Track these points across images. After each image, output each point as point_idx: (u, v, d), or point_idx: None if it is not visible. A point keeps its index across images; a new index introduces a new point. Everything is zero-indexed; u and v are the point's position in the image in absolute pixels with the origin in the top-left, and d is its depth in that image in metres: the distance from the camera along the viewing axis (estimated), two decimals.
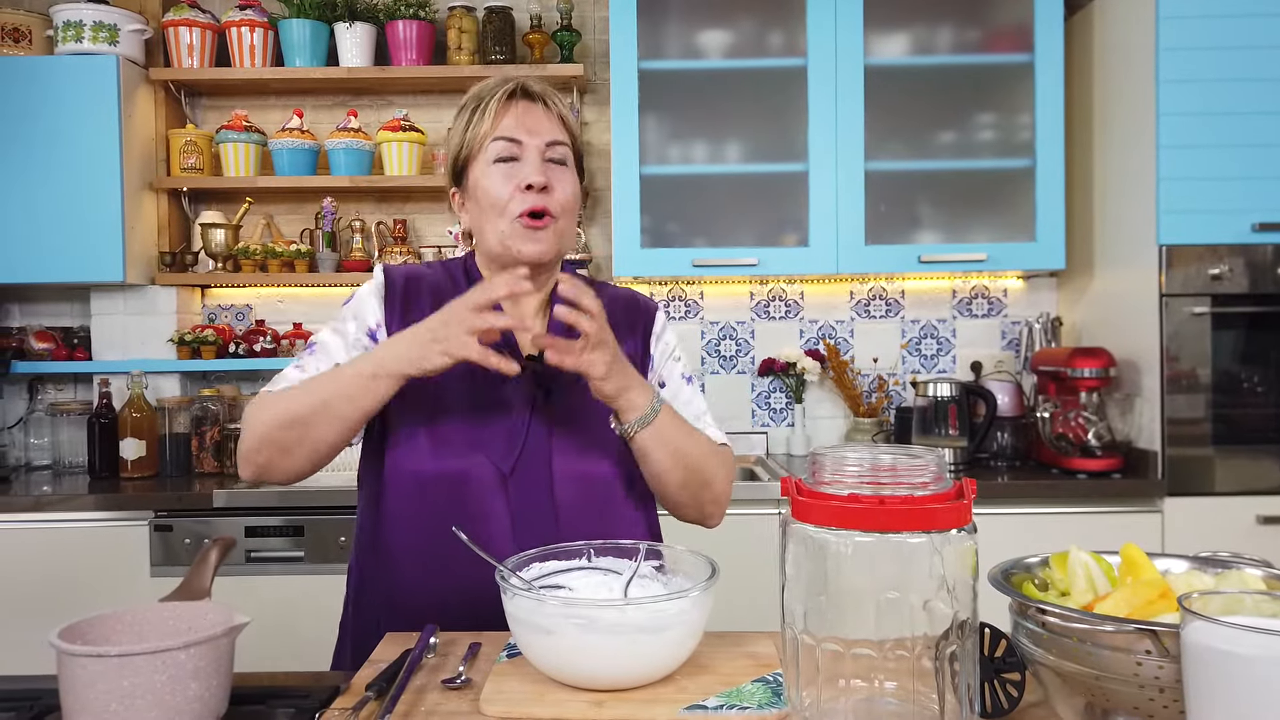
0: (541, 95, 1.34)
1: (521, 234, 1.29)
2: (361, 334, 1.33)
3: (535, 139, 1.31)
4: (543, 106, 1.33)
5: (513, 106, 1.32)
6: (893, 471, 0.83)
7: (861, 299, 3.28)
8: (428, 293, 1.36)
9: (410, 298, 1.35)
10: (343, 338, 1.33)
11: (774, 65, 2.94)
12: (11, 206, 2.85)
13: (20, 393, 3.19)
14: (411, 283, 1.37)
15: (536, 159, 1.30)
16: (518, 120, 1.31)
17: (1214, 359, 2.62)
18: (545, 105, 1.34)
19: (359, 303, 1.35)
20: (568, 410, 1.31)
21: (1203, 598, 0.72)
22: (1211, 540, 2.51)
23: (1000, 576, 0.92)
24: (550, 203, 1.29)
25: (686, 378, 1.45)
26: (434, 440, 1.28)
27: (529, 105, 1.33)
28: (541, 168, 1.30)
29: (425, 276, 1.38)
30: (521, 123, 1.31)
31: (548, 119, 1.33)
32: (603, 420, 1.30)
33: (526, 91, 1.33)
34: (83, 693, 0.83)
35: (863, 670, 0.82)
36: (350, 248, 3.16)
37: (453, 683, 0.99)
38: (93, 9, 2.92)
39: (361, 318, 1.34)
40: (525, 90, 1.33)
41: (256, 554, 2.56)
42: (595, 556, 1.12)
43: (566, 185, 1.32)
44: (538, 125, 1.31)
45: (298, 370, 1.31)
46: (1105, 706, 0.82)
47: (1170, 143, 2.59)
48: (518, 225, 1.29)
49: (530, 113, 1.32)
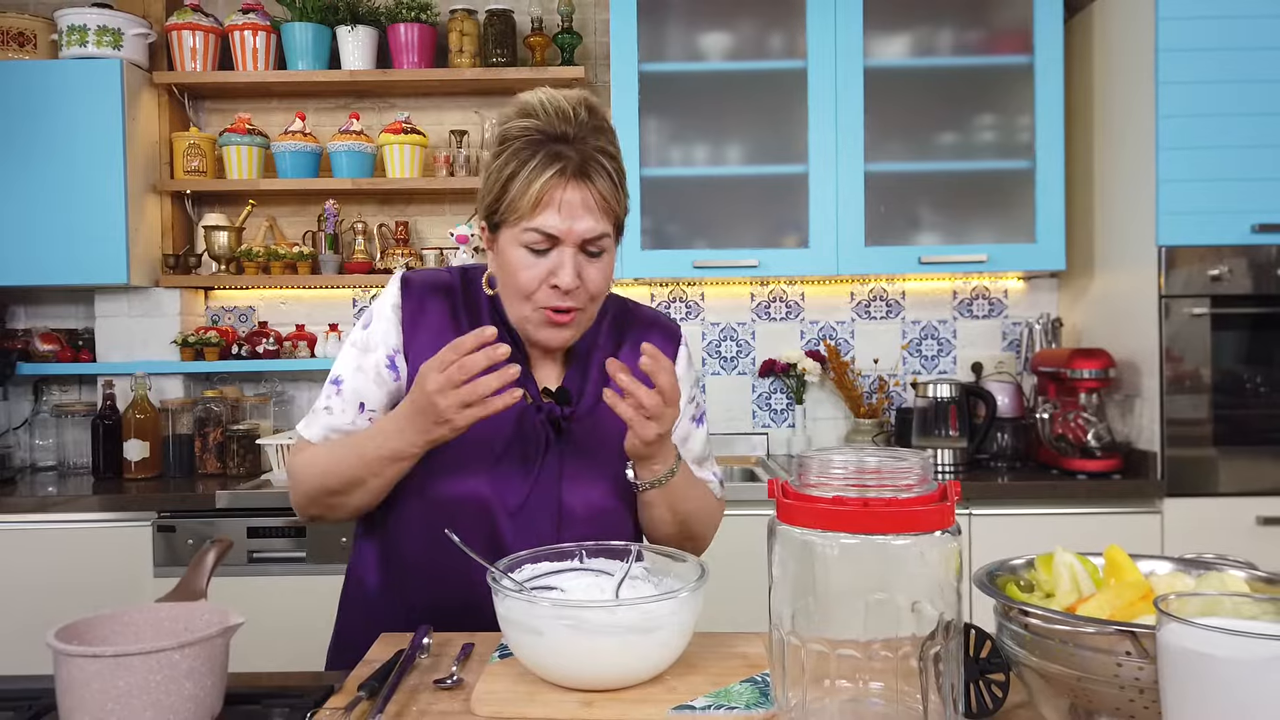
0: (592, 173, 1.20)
1: (542, 324, 1.25)
2: (381, 365, 1.30)
3: (573, 235, 1.20)
4: (593, 191, 1.20)
5: (558, 190, 1.19)
6: (878, 474, 0.84)
7: (862, 300, 3.29)
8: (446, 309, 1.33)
9: (425, 310, 1.32)
10: (364, 374, 1.30)
11: (774, 67, 2.95)
12: (16, 209, 2.87)
13: (25, 394, 3.22)
14: (429, 294, 1.33)
15: (571, 258, 1.21)
16: (560, 213, 1.19)
17: (1214, 360, 2.62)
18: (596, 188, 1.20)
19: (377, 328, 1.32)
20: (579, 447, 1.31)
21: (1180, 600, 0.73)
22: (1211, 541, 2.51)
23: (985, 578, 0.93)
24: (577, 300, 1.23)
25: (697, 420, 1.44)
26: (445, 466, 1.27)
27: (576, 191, 1.19)
28: (574, 268, 1.21)
29: (444, 286, 1.35)
30: (564, 216, 1.19)
31: (593, 208, 1.21)
32: (612, 458, 1.31)
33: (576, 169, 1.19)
34: (79, 692, 0.84)
35: (848, 671, 0.83)
36: (352, 250, 3.18)
37: (445, 683, 1.00)
38: (97, 13, 2.94)
39: (379, 347, 1.31)
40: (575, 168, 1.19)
41: (259, 555, 2.58)
42: (587, 558, 1.13)
43: (599, 277, 1.24)
44: (580, 221, 1.20)
45: (328, 413, 1.30)
46: (1088, 707, 0.83)
47: (1170, 144, 2.59)
48: (539, 315, 1.24)
49: (572, 202, 1.19)
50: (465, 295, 1.35)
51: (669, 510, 1.31)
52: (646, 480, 1.27)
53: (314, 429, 1.31)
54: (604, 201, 1.22)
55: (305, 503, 1.30)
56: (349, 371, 1.31)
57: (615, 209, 1.24)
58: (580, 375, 1.35)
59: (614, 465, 1.31)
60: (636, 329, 1.41)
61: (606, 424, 1.31)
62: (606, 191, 1.21)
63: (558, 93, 1.24)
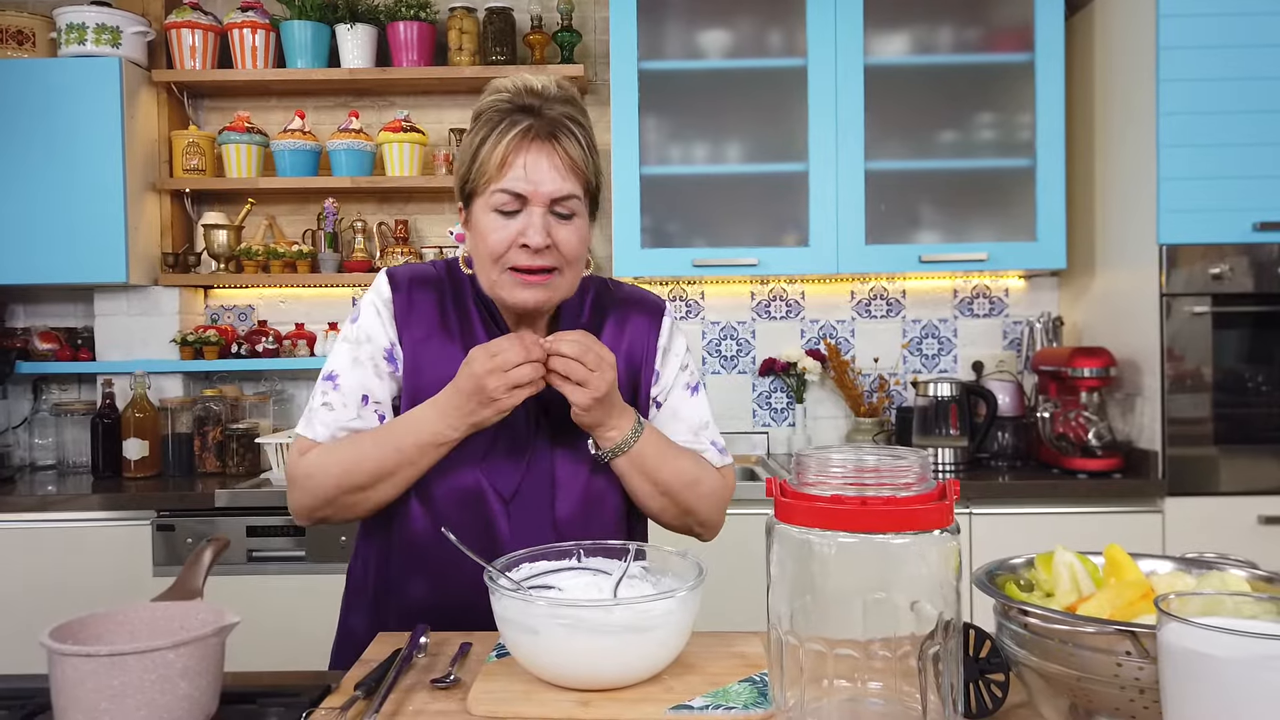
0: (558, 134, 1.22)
1: (511, 284, 1.25)
2: (378, 356, 1.31)
3: (540, 195, 1.21)
4: (559, 150, 1.22)
5: (524, 151, 1.21)
6: (876, 473, 0.83)
7: (862, 299, 3.28)
8: (433, 300, 1.34)
9: (414, 302, 1.33)
10: (361, 367, 1.30)
11: (774, 65, 2.95)
12: (15, 208, 2.87)
13: (25, 393, 3.21)
14: (417, 287, 1.34)
15: (540, 217, 1.22)
16: (526, 171, 1.21)
17: (1215, 359, 2.61)
18: (560, 150, 1.22)
19: (366, 321, 1.32)
20: (570, 429, 1.30)
21: (1181, 599, 0.72)
22: (1212, 541, 2.51)
23: (984, 577, 0.93)
24: (549, 259, 1.24)
25: (692, 388, 1.42)
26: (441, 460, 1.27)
27: (541, 150, 1.22)
28: (544, 227, 1.22)
29: (430, 279, 1.35)
30: (529, 175, 1.21)
31: (560, 168, 1.22)
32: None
33: (542, 130, 1.22)
34: (73, 691, 0.83)
35: (847, 670, 0.83)
36: (352, 248, 3.18)
37: (441, 682, 0.99)
38: (96, 11, 2.94)
39: (375, 340, 1.31)
40: (541, 129, 1.22)
41: (258, 554, 2.58)
42: (585, 557, 1.13)
43: (571, 238, 1.24)
44: (546, 178, 1.21)
45: (328, 410, 1.29)
46: (1088, 707, 0.82)
47: (1171, 142, 2.59)
48: (508, 276, 1.24)
49: (540, 161, 1.21)
50: (451, 285, 1.36)
51: (646, 480, 1.30)
52: (606, 449, 1.26)
53: (317, 427, 1.29)
54: (571, 162, 1.23)
55: (316, 504, 1.28)
56: (345, 366, 1.31)
57: (584, 171, 1.25)
58: None
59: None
60: (619, 307, 1.40)
61: None
62: (574, 153, 1.24)
63: (529, 74, 1.28)
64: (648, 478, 1.30)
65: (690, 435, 1.38)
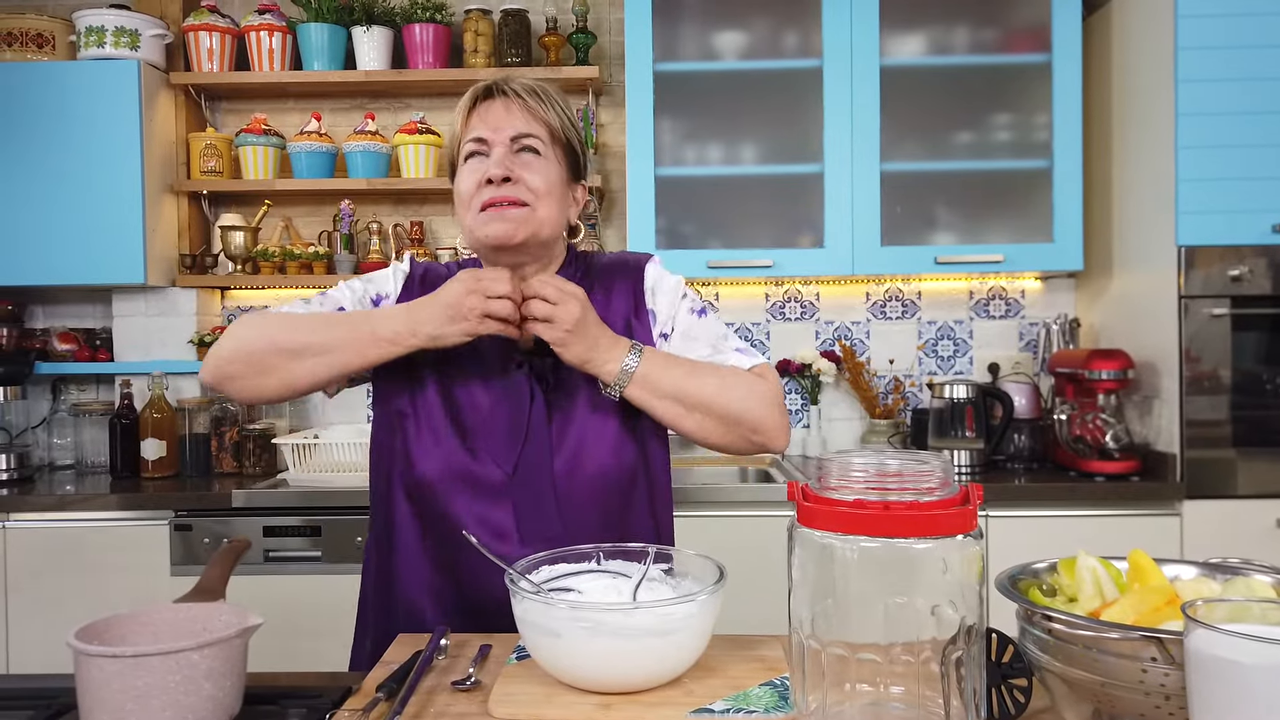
0: (512, 90, 1.33)
1: (482, 218, 1.29)
2: (367, 298, 1.38)
3: (500, 134, 1.30)
4: (515, 101, 1.32)
5: (480, 107, 1.33)
6: (899, 477, 0.83)
7: (878, 300, 3.27)
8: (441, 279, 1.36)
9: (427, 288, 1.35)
10: (352, 290, 1.38)
11: (789, 66, 2.94)
12: (35, 210, 2.89)
13: (44, 393, 3.24)
14: (429, 275, 1.41)
15: (501, 154, 1.29)
16: (483, 119, 1.31)
17: (1234, 361, 2.59)
18: (518, 99, 1.32)
19: (379, 276, 1.42)
20: (569, 405, 1.31)
21: (1208, 605, 0.72)
22: (1231, 544, 2.49)
23: (1007, 582, 0.92)
24: (516, 192, 1.29)
25: (699, 311, 1.40)
26: (436, 441, 1.28)
27: (494, 102, 1.32)
28: (504, 161, 1.29)
29: (442, 275, 1.40)
30: (486, 121, 1.31)
31: (515, 113, 1.31)
32: (605, 413, 1.30)
33: (496, 90, 1.33)
34: (99, 692, 0.84)
35: (868, 675, 0.82)
36: (367, 250, 3.19)
37: (462, 684, 1.00)
38: (114, 14, 2.96)
39: (377, 285, 1.40)
40: (495, 89, 1.33)
41: (275, 554, 2.59)
42: (604, 559, 1.13)
43: (537, 172, 1.31)
44: (503, 121, 1.31)
45: (304, 304, 1.36)
46: (1111, 713, 0.82)
47: (1189, 143, 2.57)
48: (482, 215, 1.30)
49: (495, 109, 1.32)
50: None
51: (670, 401, 1.28)
52: (612, 385, 1.26)
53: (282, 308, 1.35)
54: (527, 108, 1.32)
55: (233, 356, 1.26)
56: (338, 289, 1.39)
57: (543, 115, 1.32)
58: None
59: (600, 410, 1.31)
60: (605, 272, 1.42)
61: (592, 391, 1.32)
62: (531, 102, 1.32)
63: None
64: (669, 397, 1.27)
65: (709, 350, 1.35)
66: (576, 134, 1.38)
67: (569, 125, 1.36)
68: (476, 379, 1.31)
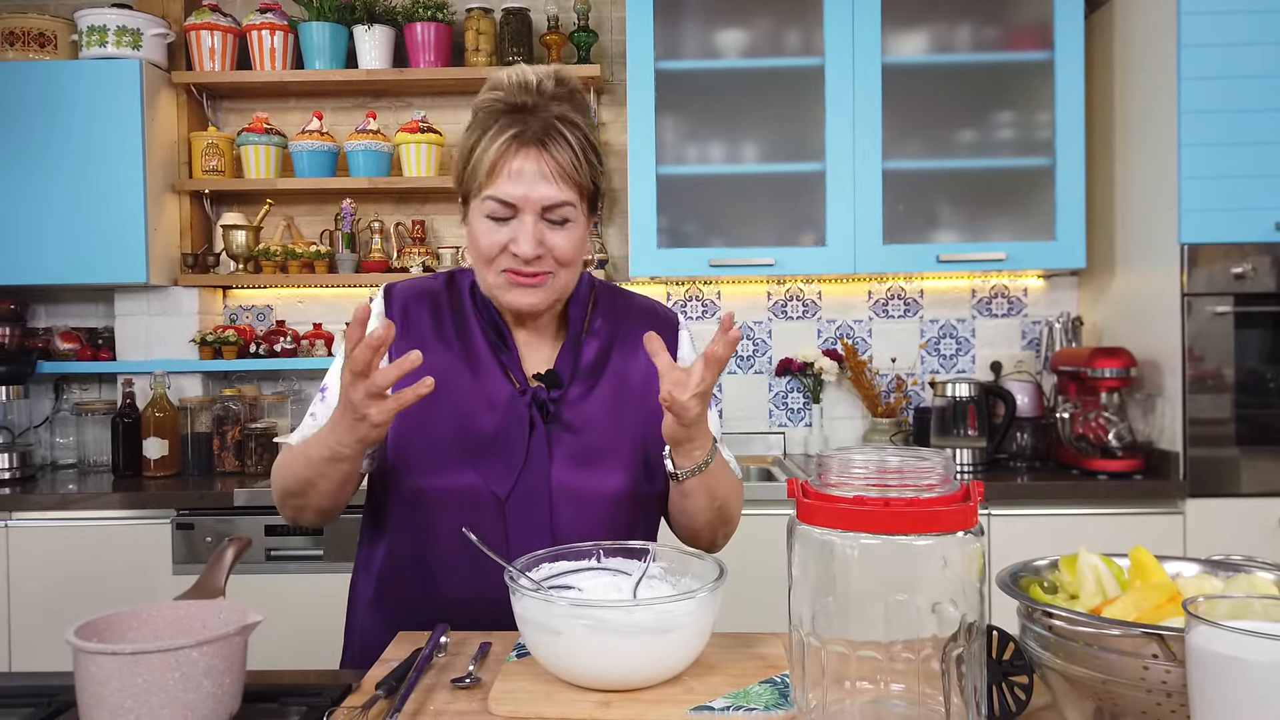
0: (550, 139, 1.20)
1: (508, 287, 1.24)
2: None
3: (531, 204, 1.20)
4: (548, 157, 1.20)
5: (513, 157, 1.20)
6: (899, 474, 0.83)
7: (879, 299, 3.27)
8: (428, 312, 1.33)
9: (409, 314, 1.32)
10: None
11: (791, 64, 2.94)
12: (37, 209, 2.89)
13: (46, 392, 3.24)
14: (412, 302, 1.34)
15: (530, 225, 1.21)
16: (515, 178, 1.19)
17: (1237, 359, 2.59)
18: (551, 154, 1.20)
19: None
20: (568, 432, 1.29)
21: (1209, 602, 0.71)
22: (1234, 543, 2.48)
23: (1008, 579, 0.92)
24: (542, 265, 1.23)
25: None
26: (433, 457, 1.27)
27: (530, 156, 1.20)
28: (534, 235, 1.20)
29: (428, 291, 1.35)
30: (519, 182, 1.19)
31: (550, 175, 1.20)
32: (603, 442, 1.29)
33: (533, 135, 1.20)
34: (98, 689, 0.84)
35: (869, 672, 0.82)
36: (369, 249, 3.19)
37: (462, 682, 0.99)
38: (116, 14, 2.96)
39: None
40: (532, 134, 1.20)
41: (276, 552, 2.59)
42: (604, 557, 1.12)
43: (564, 243, 1.23)
44: (536, 188, 1.20)
45: (312, 420, 1.31)
46: (1113, 710, 0.82)
47: (1192, 140, 2.57)
48: (503, 278, 1.24)
49: (527, 168, 1.20)
50: (450, 296, 1.35)
51: (708, 496, 1.26)
52: (688, 468, 1.21)
53: (297, 436, 1.31)
54: (562, 170, 1.21)
55: (278, 505, 1.31)
56: (334, 380, 1.31)
57: (577, 177, 1.23)
58: (572, 359, 1.33)
59: (609, 449, 1.29)
60: (631, 317, 1.39)
61: (601, 409, 1.30)
62: (565, 160, 1.21)
63: (529, 66, 1.25)
64: (711, 494, 1.27)
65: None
66: (600, 168, 1.27)
67: (594, 165, 1.26)
68: (481, 402, 1.28)
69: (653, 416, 1.30)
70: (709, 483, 1.25)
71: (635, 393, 1.33)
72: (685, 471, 1.22)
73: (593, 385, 1.32)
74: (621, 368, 1.34)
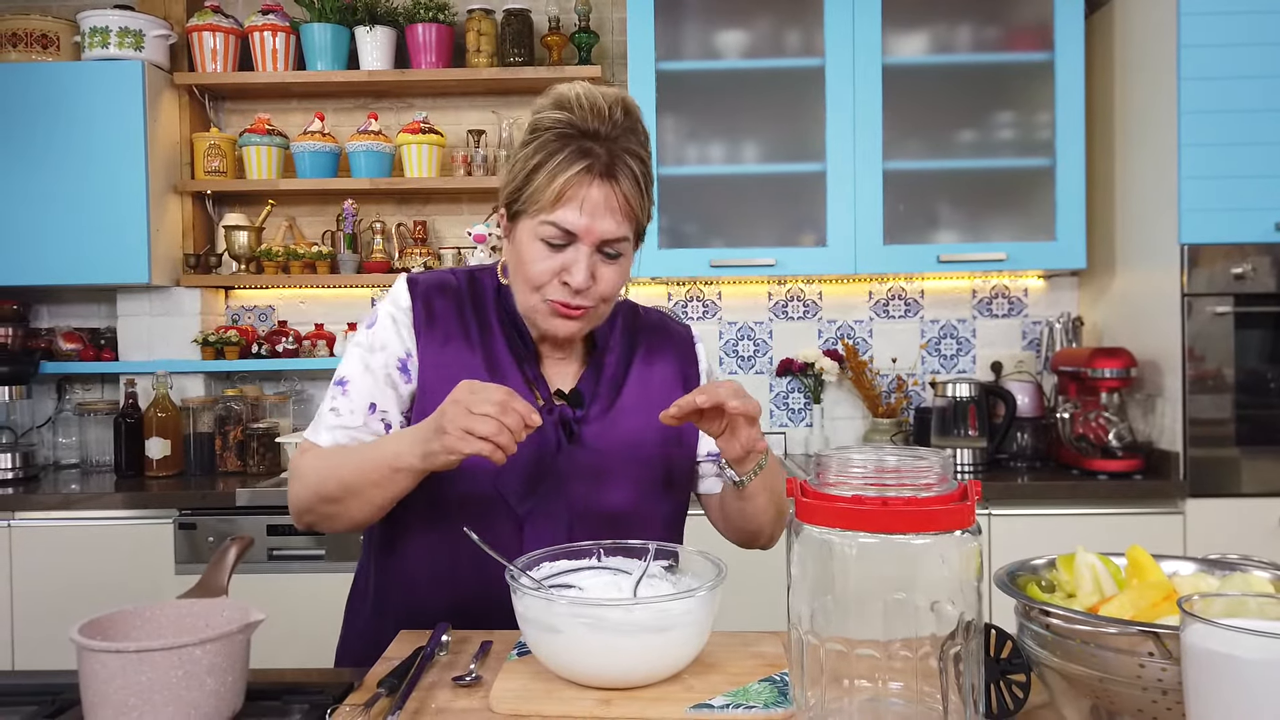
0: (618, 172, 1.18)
1: (550, 315, 1.23)
2: (391, 366, 1.28)
3: (591, 236, 1.18)
4: (617, 192, 1.18)
5: (581, 188, 1.17)
6: (897, 473, 0.83)
7: (880, 299, 3.27)
8: (452, 307, 1.31)
9: (434, 312, 1.30)
10: (372, 375, 1.27)
11: (792, 65, 2.94)
12: (39, 210, 2.90)
13: (49, 393, 3.25)
14: (436, 295, 1.31)
15: (587, 257, 1.19)
16: (581, 210, 1.17)
17: (1237, 359, 2.59)
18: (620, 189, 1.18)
19: (382, 329, 1.29)
20: (590, 451, 1.28)
21: (1204, 600, 0.72)
22: (1234, 543, 2.49)
23: (1006, 578, 0.92)
24: (589, 300, 1.22)
25: None
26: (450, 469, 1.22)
27: (599, 189, 1.17)
28: (589, 267, 1.19)
29: (451, 287, 1.33)
30: (585, 214, 1.17)
31: (615, 210, 1.19)
32: (626, 462, 1.29)
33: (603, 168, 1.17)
34: (101, 687, 0.84)
35: (867, 671, 0.83)
36: (371, 249, 3.20)
37: (463, 680, 1.00)
38: (119, 15, 2.97)
39: (389, 348, 1.28)
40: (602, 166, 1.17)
41: (278, 552, 2.59)
42: (605, 556, 1.13)
43: (614, 278, 1.23)
44: (600, 221, 1.18)
45: (335, 415, 1.27)
46: (1110, 708, 0.82)
47: (1192, 141, 2.57)
48: (546, 305, 1.22)
49: (596, 202, 1.17)
50: (472, 295, 1.33)
51: (769, 494, 1.28)
52: (750, 470, 1.22)
53: (322, 432, 1.27)
54: (627, 205, 1.19)
55: (300, 509, 1.25)
56: (356, 372, 1.28)
57: (637, 214, 1.22)
58: (594, 378, 1.33)
59: (628, 469, 1.29)
60: (648, 335, 1.39)
61: (620, 427, 1.30)
62: (630, 194, 1.19)
63: (596, 89, 1.22)
64: (773, 490, 1.28)
65: None
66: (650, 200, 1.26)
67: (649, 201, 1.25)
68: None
69: (670, 432, 1.31)
70: (769, 480, 1.26)
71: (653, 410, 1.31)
72: (748, 476, 1.23)
73: (611, 403, 1.32)
74: (639, 385, 1.35)
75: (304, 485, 1.24)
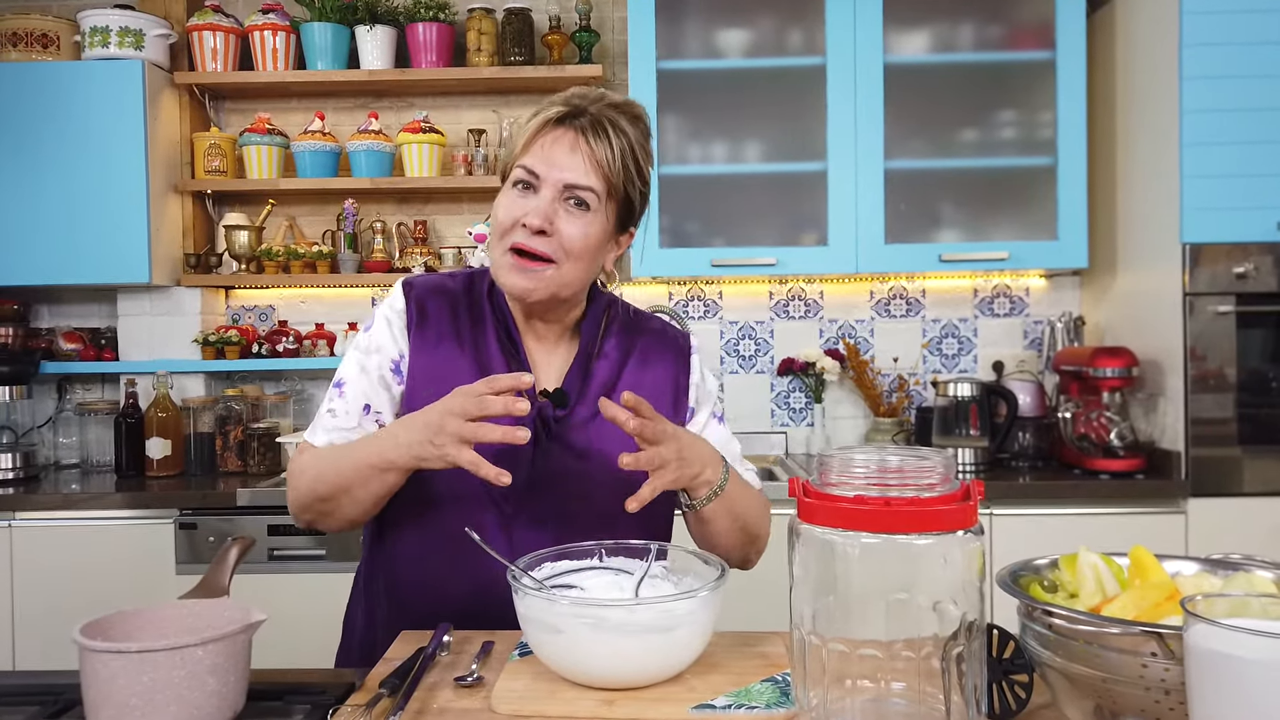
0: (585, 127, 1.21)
1: (508, 266, 1.23)
2: (385, 368, 1.29)
3: (552, 177, 1.21)
4: (585, 142, 1.21)
5: (549, 134, 1.22)
6: (900, 473, 0.83)
7: (882, 298, 3.27)
8: (446, 309, 1.32)
9: (427, 314, 1.31)
10: (367, 376, 1.29)
11: (793, 64, 2.94)
12: (39, 209, 2.90)
13: (49, 392, 3.25)
14: (430, 297, 1.32)
15: (549, 198, 1.21)
16: (545, 152, 1.21)
17: (1239, 358, 2.59)
18: (586, 143, 1.21)
19: (378, 331, 1.31)
20: (574, 449, 1.28)
21: (1207, 600, 0.72)
22: (1237, 542, 2.48)
23: (1008, 578, 0.92)
24: (547, 246, 1.21)
25: (719, 416, 1.40)
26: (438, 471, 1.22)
27: (564, 136, 1.21)
28: (548, 209, 1.20)
29: (447, 290, 1.33)
30: (548, 156, 1.21)
31: (578, 157, 1.21)
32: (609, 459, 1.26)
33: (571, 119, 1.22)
34: (103, 688, 0.84)
35: (870, 671, 0.83)
36: (371, 249, 3.19)
37: (465, 680, 1.00)
38: (119, 14, 2.97)
39: (383, 350, 1.29)
40: (576, 122, 1.22)
41: (279, 552, 2.59)
42: (607, 556, 1.13)
43: (574, 230, 1.21)
44: (563, 162, 1.21)
45: (331, 416, 1.28)
46: (1113, 709, 0.82)
47: (1194, 140, 2.57)
48: (508, 258, 1.23)
49: (561, 145, 1.21)
50: (468, 299, 1.33)
51: (729, 519, 1.26)
52: (703, 496, 1.21)
53: (319, 433, 1.28)
54: (594, 159, 1.21)
55: (297, 508, 1.27)
56: (353, 374, 1.29)
57: (607, 172, 1.22)
58: (580, 378, 1.32)
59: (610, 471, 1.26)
60: (644, 339, 1.38)
61: (607, 430, 1.28)
62: (601, 153, 1.21)
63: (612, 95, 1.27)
64: (732, 515, 1.26)
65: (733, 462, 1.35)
66: (640, 183, 1.27)
67: (633, 176, 1.25)
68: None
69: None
70: (728, 505, 1.24)
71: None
72: (699, 501, 1.22)
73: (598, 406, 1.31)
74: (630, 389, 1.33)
75: (300, 485, 1.26)
